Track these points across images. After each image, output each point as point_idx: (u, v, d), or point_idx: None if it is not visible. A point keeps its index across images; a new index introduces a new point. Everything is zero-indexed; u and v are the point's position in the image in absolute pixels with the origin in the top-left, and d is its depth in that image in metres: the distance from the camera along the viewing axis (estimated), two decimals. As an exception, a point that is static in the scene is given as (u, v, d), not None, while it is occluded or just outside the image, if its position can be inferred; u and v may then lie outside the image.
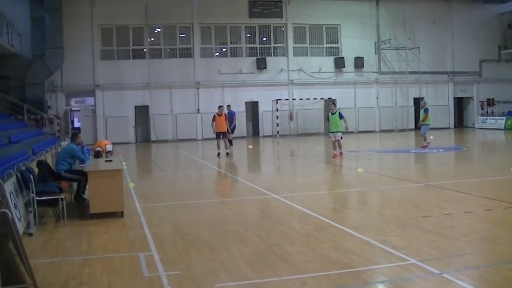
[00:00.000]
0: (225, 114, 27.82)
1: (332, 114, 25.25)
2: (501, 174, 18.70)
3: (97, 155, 16.60)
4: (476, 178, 18.24)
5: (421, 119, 28.99)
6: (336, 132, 25.05)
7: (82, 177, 13.74)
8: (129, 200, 14.69)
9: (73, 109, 41.03)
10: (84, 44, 39.15)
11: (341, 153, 25.23)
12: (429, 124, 29.11)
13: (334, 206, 14.39)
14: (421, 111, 29.32)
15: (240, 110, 41.37)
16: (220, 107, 28.42)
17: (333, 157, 25.04)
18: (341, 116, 25.04)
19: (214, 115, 27.54)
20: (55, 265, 8.95)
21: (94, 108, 39.98)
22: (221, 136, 27.43)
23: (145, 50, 41.15)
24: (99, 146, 18.06)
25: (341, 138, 25.25)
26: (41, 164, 14.23)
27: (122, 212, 12.64)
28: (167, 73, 40.86)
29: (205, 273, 8.28)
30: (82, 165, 14.60)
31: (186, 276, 8.15)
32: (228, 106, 31.75)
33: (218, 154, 27.42)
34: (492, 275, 7.81)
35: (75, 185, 14.59)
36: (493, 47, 48.69)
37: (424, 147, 28.38)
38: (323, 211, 12.73)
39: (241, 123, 41.20)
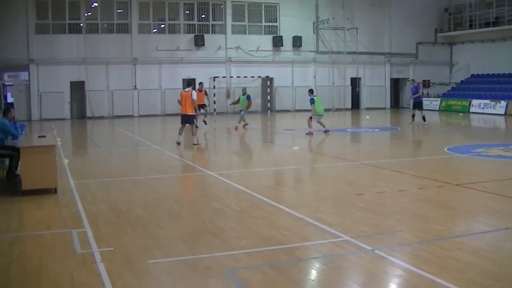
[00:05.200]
0: (205, 90, 30.85)
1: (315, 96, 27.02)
2: (434, 154, 19.09)
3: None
4: (410, 157, 18.60)
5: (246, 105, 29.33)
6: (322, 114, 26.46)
7: (14, 153, 13.46)
8: (63, 176, 14.47)
9: (6, 83, 39.96)
10: (18, 17, 38.00)
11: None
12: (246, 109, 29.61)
13: (269, 183, 14.47)
14: (244, 97, 29.45)
15: (177, 87, 41.12)
16: (200, 83, 30.49)
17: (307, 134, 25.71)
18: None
19: (196, 90, 29.13)
20: (-16, 243, 8.81)
21: (28, 83, 38.99)
22: (200, 109, 28.99)
23: (81, 24, 40.26)
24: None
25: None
26: (-28, 140, 13.89)
27: (55, 189, 12.45)
28: (104, 48, 40.14)
29: (139, 250, 8.24)
30: (15, 140, 14.32)
31: (120, 252, 8.09)
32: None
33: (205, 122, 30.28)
34: (422, 251, 7.98)
35: (7, 161, 14.29)
36: (429, 30, 49.36)
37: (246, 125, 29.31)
38: (258, 188, 12.79)
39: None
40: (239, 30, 44.07)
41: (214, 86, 41.77)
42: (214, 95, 41.47)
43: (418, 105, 30.59)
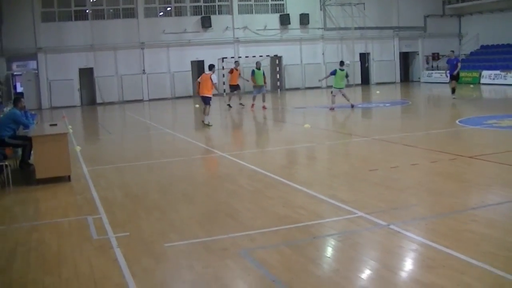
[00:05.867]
0: (239, 70, 31.10)
1: (341, 70, 26.44)
2: (445, 127, 19.05)
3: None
4: (421, 131, 18.52)
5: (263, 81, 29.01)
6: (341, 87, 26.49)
7: (26, 143, 13.51)
8: (76, 163, 14.53)
9: (15, 73, 39.92)
10: (23, 7, 37.94)
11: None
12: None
13: (282, 162, 14.49)
14: (260, 72, 29.13)
15: (185, 70, 41.12)
16: (235, 62, 32.95)
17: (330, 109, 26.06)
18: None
19: (232, 69, 30.59)
20: (2, 233, 8.88)
21: (37, 72, 39.04)
22: (234, 90, 30.52)
23: (87, 11, 40.21)
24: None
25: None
26: (-16, 131, 13.93)
27: (69, 176, 12.51)
28: (111, 34, 40.06)
29: (154, 233, 8.29)
30: (26, 130, 14.37)
31: (136, 237, 8.15)
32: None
33: (229, 105, 30.15)
34: (437, 225, 8.01)
35: (20, 151, 14.35)
36: (437, 2, 48.93)
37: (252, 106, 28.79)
38: (271, 168, 12.80)
39: (188, 84, 40.98)
40: (246, 10, 43.86)
41: (223, 67, 41.59)
42: (223, 76, 41.28)
43: (454, 76, 28.65)
